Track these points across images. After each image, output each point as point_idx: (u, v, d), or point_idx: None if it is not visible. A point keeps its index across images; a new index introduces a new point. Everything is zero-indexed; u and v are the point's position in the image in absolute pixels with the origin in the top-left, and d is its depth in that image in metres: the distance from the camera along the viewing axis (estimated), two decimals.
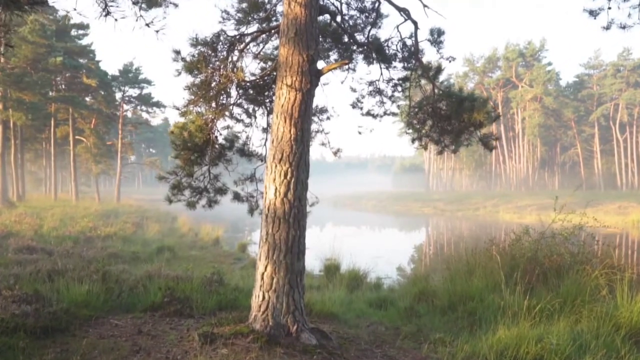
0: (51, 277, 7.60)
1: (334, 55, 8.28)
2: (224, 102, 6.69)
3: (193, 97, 6.08)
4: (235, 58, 6.15)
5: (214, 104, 6.50)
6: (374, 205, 69.54)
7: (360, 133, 7.74)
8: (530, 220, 43.64)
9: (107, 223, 20.55)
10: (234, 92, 6.83)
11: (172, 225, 26.97)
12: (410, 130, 7.71)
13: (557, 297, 7.13)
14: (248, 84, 6.90)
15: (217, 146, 6.87)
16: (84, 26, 33.49)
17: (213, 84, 6.20)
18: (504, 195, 62.68)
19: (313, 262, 13.96)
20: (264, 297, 4.96)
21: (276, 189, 4.98)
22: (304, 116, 5.09)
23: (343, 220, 45.54)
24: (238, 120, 7.25)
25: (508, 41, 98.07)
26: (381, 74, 7.43)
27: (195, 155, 6.55)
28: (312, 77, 5.14)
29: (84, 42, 36.65)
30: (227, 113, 6.97)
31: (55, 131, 38.15)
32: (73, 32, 36.28)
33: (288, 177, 4.96)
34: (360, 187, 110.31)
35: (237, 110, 7.17)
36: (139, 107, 46.53)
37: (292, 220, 4.94)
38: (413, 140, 7.83)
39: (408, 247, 25.10)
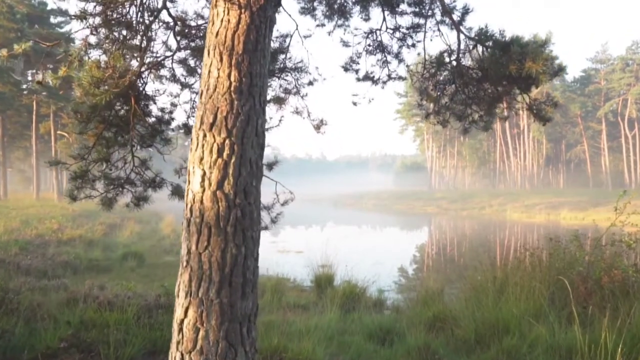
0: None
1: (320, 6, 6.19)
2: (155, 54, 4.59)
3: (92, 34, 3.98)
4: None
5: (137, 64, 4.40)
6: (375, 205, 67.47)
7: (355, 104, 5.63)
8: (540, 219, 41.53)
9: (78, 224, 18.47)
10: (172, 41, 4.73)
11: (155, 226, 24.89)
12: (424, 101, 5.59)
13: (630, 330, 5.07)
14: (194, 30, 4.80)
15: (152, 119, 4.79)
16: (63, 12, 31.33)
17: (134, 21, 4.10)
18: (510, 193, 60.60)
19: (303, 270, 11.87)
20: None
21: (204, 175, 2.89)
22: (254, 53, 3.00)
23: (343, 220, 43.48)
24: (183, 86, 5.16)
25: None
26: (384, 19, 5.32)
27: (113, 131, 4.46)
28: None
29: (65, 29, 34.49)
30: (165, 73, 4.87)
31: (38, 126, 36.02)
32: (52, 20, 34.11)
33: (225, 156, 2.87)
34: (361, 186, 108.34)
35: (180, 71, 5.07)
36: None
37: (231, 230, 2.85)
38: (427, 116, 5.73)
39: (413, 250, 22.99)
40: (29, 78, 37.02)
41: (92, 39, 3.99)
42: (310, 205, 72.36)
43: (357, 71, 5.71)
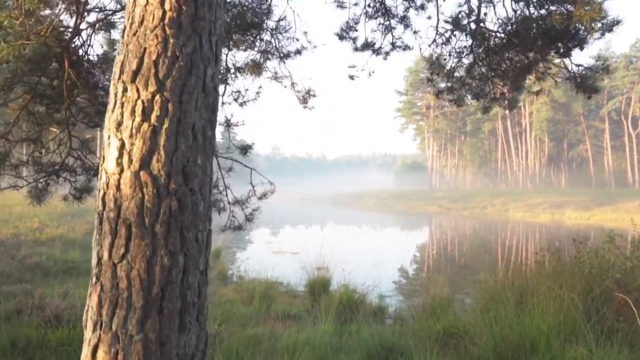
0: None
1: None
2: (102, 9, 3.66)
3: None
4: None
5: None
6: (375, 204, 66.49)
7: (352, 78, 4.69)
8: (544, 219, 40.56)
9: (61, 223, 17.54)
10: None
11: None
12: (435, 76, 4.65)
13: None
14: None
15: (100, 91, 3.86)
16: None
17: None
18: (512, 193, 59.67)
19: (297, 273, 10.91)
20: None
21: (123, 147, 1.95)
22: None
23: (342, 220, 42.51)
24: None
25: None
26: None
27: (45, 103, 3.53)
28: None
29: None
30: (117, 35, 3.94)
31: None
32: None
33: (153, 118, 1.93)
34: (362, 185, 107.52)
35: None
36: None
37: (162, 230, 1.91)
38: (439, 93, 4.78)
39: (415, 251, 22.04)
40: None
41: None
42: (310, 204, 71.44)
43: (354, 39, 4.76)
